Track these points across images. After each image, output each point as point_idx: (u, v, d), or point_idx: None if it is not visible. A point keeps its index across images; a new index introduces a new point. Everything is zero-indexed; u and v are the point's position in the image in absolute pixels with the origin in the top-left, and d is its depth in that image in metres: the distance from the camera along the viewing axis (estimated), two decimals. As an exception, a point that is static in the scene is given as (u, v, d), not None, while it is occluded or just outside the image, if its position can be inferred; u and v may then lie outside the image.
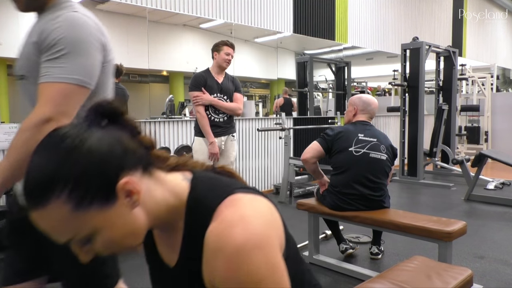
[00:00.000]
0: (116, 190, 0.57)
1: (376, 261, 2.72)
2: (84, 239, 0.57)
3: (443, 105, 5.60)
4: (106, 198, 0.56)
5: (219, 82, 3.09)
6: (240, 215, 0.58)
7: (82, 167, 0.54)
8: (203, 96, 3.01)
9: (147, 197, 0.61)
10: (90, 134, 0.57)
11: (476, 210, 4.12)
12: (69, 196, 0.53)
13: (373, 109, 2.63)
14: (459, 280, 1.46)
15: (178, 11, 4.25)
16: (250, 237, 0.56)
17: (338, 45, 6.30)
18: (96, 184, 0.55)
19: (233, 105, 3.12)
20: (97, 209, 0.55)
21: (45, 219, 0.54)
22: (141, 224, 0.61)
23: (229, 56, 3.07)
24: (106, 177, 0.56)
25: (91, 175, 0.54)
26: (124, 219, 0.58)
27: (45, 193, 0.53)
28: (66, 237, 0.56)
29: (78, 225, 0.55)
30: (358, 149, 2.46)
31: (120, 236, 0.59)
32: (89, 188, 0.54)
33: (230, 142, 3.17)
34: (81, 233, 0.56)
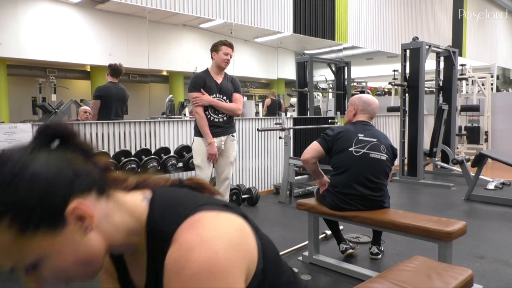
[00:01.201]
0: (65, 215, 0.53)
1: (376, 261, 2.72)
2: (29, 266, 0.53)
3: (443, 105, 5.60)
4: (53, 223, 0.53)
5: (218, 82, 3.08)
6: (200, 239, 0.55)
7: (23, 193, 0.50)
8: (202, 97, 3.00)
9: (104, 221, 0.58)
10: (35, 157, 0.54)
11: (476, 210, 4.12)
12: (11, 222, 0.50)
13: (373, 109, 2.62)
14: (460, 280, 1.46)
15: (178, 11, 4.24)
16: (208, 262, 0.53)
17: (338, 45, 6.30)
18: (40, 210, 0.51)
19: (233, 106, 3.11)
20: (43, 235, 0.52)
21: None
22: (97, 250, 0.57)
23: (228, 56, 3.06)
24: (51, 203, 0.52)
25: (34, 201, 0.51)
26: (74, 245, 0.55)
27: None
28: (9, 264, 0.52)
29: (22, 251, 0.52)
30: (358, 149, 2.46)
31: (70, 263, 0.55)
32: (32, 215, 0.51)
33: (230, 142, 3.17)
34: (25, 260, 0.53)
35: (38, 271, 0.55)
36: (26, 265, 0.53)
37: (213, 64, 3.10)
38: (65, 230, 0.54)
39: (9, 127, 3.13)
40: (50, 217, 0.52)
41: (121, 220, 0.61)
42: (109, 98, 3.76)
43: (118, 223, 0.60)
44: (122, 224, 0.61)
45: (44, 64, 4.08)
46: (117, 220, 0.60)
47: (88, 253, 0.57)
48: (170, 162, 3.59)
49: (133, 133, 3.91)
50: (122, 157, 3.37)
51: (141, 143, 3.95)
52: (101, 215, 0.58)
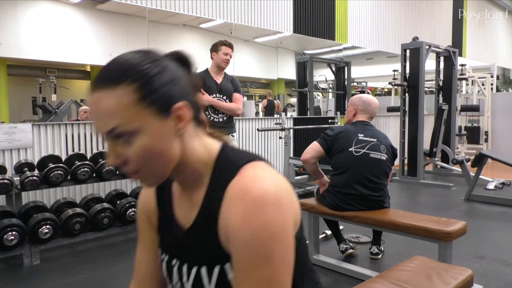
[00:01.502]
0: (172, 109, 0.62)
1: (376, 261, 2.72)
2: (123, 133, 0.60)
3: (443, 105, 5.60)
4: (162, 109, 0.61)
5: (218, 82, 3.09)
6: (264, 175, 0.62)
7: (155, 73, 0.61)
8: (202, 97, 2.99)
9: (188, 137, 0.67)
10: (170, 59, 0.66)
11: (476, 210, 4.12)
12: (137, 89, 0.60)
13: (373, 109, 2.62)
14: (460, 280, 1.46)
15: (178, 11, 4.24)
16: (270, 194, 0.59)
17: (338, 45, 6.30)
18: (160, 92, 0.61)
19: (232, 105, 3.12)
20: (150, 113, 0.61)
21: (108, 99, 0.59)
22: (174, 155, 0.64)
23: (228, 56, 3.07)
24: (169, 92, 0.62)
25: (159, 83, 0.61)
26: (164, 138, 0.62)
27: (121, 76, 0.60)
28: (114, 123, 0.59)
29: (130, 117, 0.60)
30: (358, 149, 2.46)
31: (154, 151, 0.62)
32: (154, 92, 0.60)
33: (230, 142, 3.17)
34: (127, 125, 0.60)
35: (125, 143, 0.61)
36: (122, 131, 0.60)
37: (213, 64, 3.11)
38: (165, 121, 0.62)
39: (9, 127, 3.13)
40: (164, 102, 0.62)
41: (197, 147, 0.68)
42: None
43: (195, 148, 0.68)
44: (198, 150, 0.68)
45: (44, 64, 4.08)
46: (195, 145, 0.68)
47: (168, 152, 0.63)
48: (170, 162, 3.59)
49: (133, 133, 3.90)
50: (122, 157, 3.37)
51: (141, 143, 3.95)
52: (189, 132, 0.66)
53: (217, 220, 0.63)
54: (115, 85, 0.60)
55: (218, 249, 0.64)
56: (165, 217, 0.77)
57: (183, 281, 0.71)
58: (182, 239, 0.71)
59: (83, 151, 3.55)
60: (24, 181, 2.81)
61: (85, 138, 3.60)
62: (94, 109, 0.61)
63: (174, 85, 0.63)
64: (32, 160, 3.23)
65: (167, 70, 0.63)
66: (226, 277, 0.65)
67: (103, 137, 0.63)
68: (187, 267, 0.70)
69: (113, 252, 2.95)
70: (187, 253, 0.71)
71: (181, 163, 0.67)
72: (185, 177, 0.70)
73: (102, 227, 3.08)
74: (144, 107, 0.60)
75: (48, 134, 3.39)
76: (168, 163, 0.65)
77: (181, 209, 0.73)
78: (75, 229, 2.93)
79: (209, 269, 0.66)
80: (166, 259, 0.76)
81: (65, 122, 3.53)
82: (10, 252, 2.64)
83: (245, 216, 0.58)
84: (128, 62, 0.62)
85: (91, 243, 3.15)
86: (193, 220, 0.69)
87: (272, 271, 0.59)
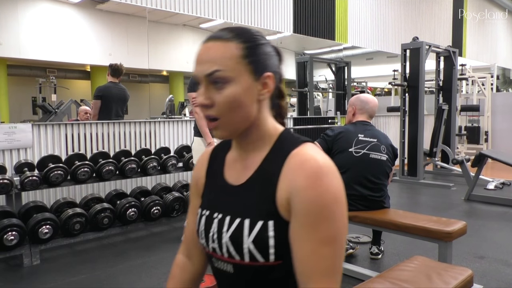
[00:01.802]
0: (263, 75, 0.74)
1: (376, 261, 2.72)
2: (221, 77, 0.71)
3: (443, 105, 5.60)
4: (256, 70, 0.74)
5: None
6: (319, 152, 0.72)
7: (262, 43, 0.76)
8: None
9: (264, 107, 0.78)
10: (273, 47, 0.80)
11: (476, 210, 4.12)
12: (244, 48, 0.73)
13: (371, 107, 2.60)
14: (460, 280, 1.46)
15: (178, 11, 4.24)
16: (327, 165, 0.69)
17: (338, 45, 6.30)
18: (260, 57, 0.75)
19: None
20: (247, 70, 0.73)
21: (218, 48, 0.73)
22: (252, 113, 0.75)
23: None
24: (266, 61, 0.75)
25: (262, 51, 0.75)
26: (249, 95, 0.74)
27: (235, 35, 0.74)
28: (216, 67, 0.71)
29: (230, 66, 0.72)
30: (358, 149, 2.46)
31: (239, 101, 0.72)
32: (256, 55, 0.74)
33: None
34: (226, 72, 0.71)
35: (218, 89, 0.72)
36: (220, 76, 0.71)
37: None
38: (254, 82, 0.74)
39: (9, 127, 3.13)
40: (259, 66, 0.74)
41: (269, 119, 0.80)
42: (110, 98, 3.76)
43: (267, 118, 0.79)
44: (269, 121, 0.79)
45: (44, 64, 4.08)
46: (268, 117, 0.79)
47: (248, 107, 0.74)
48: (170, 162, 3.59)
49: (133, 133, 3.91)
50: (122, 157, 3.37)
51: (141, 143, 3.95)
52: (266, 104, 0.78)
53: (276, 181, 0.72)
54: (228, 40, 0.73)
55: (270, 205, 0.71)
56: (213, 180, 0.85)
57: (223, 231, 0.76)
58: (230, 195, 0.79)
59: (83, 151, 3.55)
60: (24, 181, 2.81)
61: (85, 138, 3.60)
62: (203, 54, 0.73)
63: (270, 59, 0.77)
64: (32, 160, 3.23)
65: (269, 47, 0.77)
66: (265, 233, 0.70)
67: (202, 80, 0.74)
68: (229, 218, 0.76)
69: (113, 252, 2.95)
70: (232, 206, 0.77)
71: (253, 125, 0.77)
72: (250, 139, 0.79)
73: (102, 227, 3.08)
74: (244, 63, 0.72)
75: (48, 134, 3.39)
76: (246, 117, 0.75)
77: (233, 172, 0.82)
78: (75, 229, 2.93)
79: (252, 222, 0.72)
80: (207, 214, 0.81)
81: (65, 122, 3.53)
82: (10, 252, 2.64)
83: (311, 179, 0.67)
84: (244, 28, 0.77)
85: (91, 243, 3.15)
86: (247, 178, 0.77)
87: (334, 230, 0.67)
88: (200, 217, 0.83)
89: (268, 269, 0.72)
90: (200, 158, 0.93)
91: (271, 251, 0.70)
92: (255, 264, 0.72)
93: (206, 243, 0.79)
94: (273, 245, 0.70)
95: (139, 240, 3.24)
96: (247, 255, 0.72)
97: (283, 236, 0.70)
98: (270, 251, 0.70)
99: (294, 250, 0.69)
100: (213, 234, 0.77)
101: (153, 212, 3.36)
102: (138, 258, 2.81)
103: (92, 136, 3.64)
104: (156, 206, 3.37)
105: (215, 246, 0.77)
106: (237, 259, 0.73)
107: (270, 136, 0.79)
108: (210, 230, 0.78)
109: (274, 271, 0.72)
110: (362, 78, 7.97)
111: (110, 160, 3.24)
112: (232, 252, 0.74)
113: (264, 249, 0.70)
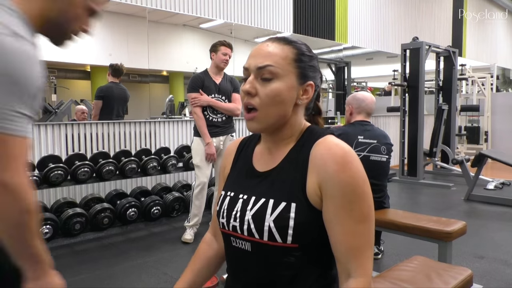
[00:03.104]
0: (307, 81, 0.83)
1: (376, 261, 2.72)
2: (271, 72, 0.79)
3: (443, 105, 5.60)
4: (302, 76, 0.82)
5: (216, 82, 3.09)
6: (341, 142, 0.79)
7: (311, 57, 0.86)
8: (200, 97, 3.01)
9: (300, 111, 0.85)
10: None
11: (476, 210, 4.12)
12: (297, 53, 0.82)
13: (367, 104, 2.53)
14: (459, 280, 1.46)
15: (178, 11, 4.25)
16: (351, 153, 0.77)
17: (338, 45, 6.30)
18: (308, 67, 0.84)
19: (231, 106, 3.12)
20: (294, 73, 0.81)
21: (276, 47, 0.82)
22: (288, 112, 0.82)
23: (227, 56, 3.07)
24: (311, 72, 0.85)
25: (310, 64, 0.84)
26: (290, 94, 0.81)
27: (293, 42, 0.84)
28: (269, 62, 0.79)
29: (282, 64, 0.80)
30: (358, 152, 2.43)
31: (280, 97, 0.79)
32: (305, 62, 0.83)
33: (229, 142, 3.16)
34: (276, 68, 0.79)
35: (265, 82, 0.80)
36: (271, 70, 0.79)
37: (212, 65, 3.11)
38: (297, 86, 0.82)
39: (9, 127, 3.13)
40: (305, 73, 0.83)
41: (301, 121, 0.87)
42: (111, 98, 3.77)
43: (300, 120, 0.87)
44: (300, 122, 0.87)
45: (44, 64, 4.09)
46: (301, 119, 0.87)
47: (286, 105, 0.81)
48: (170, 162, 3.59)
49: (133, 133, 3.91)
50: (122, 157, 3.37)
51: (141, 143, 3.95)
52: (302, 109, 0.86)
53: (305, 167, 0.79)
54: (286, 44, 0.82)
55: (296, 189, 0.78)
56: (240, 167, 0.92)
57: (247, 209, 0.81)
58: (257, 180, 0.85)
59: (83, 151, 3.55)
60: (24, 181, 2.81)
61: (85, 138, 3.60)
62: (261, 50, 0.82)
63: (314, 72, 0.86)
64: (32, 160, 3.23)
65: (316, 63, 0.88)
66: (287, 214, 0.76)
67: (253, 72, 0.81)
68: (254, 199, 0.82)
69: (113, 252, 2.95)
70: (259, 189, 0.83)
71: (288, 124, 0.84)
72: (281, 137, 0.85)
73: (102, 227, 3.08)
74: (294, 66, 0.81)
75: (48, 134, 3.39)
76: (282, 115, 0.81)
77: (260, 161, 0.88)
78: (75, 229, 2.93)
79: (276, 202, 0.78)
80: (231, 195, 0.88)
81: (65, 122, 3.53)
82: (10, 252, 2.64)
83: (341, 164, 0.75)
84: (301, 40, 0.87)
85: (91, 243, 3.15)
86: (275, 166, 0.84)
87: (368, 207, 0.76)
88: (223, 197, 0.89)
89: (284, 250, 0.77)
90: (229, 147, 0.99)
91: (289, 231, 0.75)
92: (273, 244, 0.77)
93: (227, 222, 0.84)
94: (292, 226, 0.75)
95: (139, 240, 3.24)
96: (266, 233, 0.77)
97: (303, 219, 0.76)
98: (289, 232, 0.75)
99: (332, 231, 0.76)
100: (236, 212, 0.83)
101: (153, 212, 3.36)
102: (138, 258, 2.81)
103: (92, 136, 3.64)
104: (156, 206, 3.37)
105: (236, 224, 0.82)
106: (256, 237, 0.78)
107: (298, 131, 0.86)
108: (234, 209, 0.84)
109: (290, 255, 0.77)
110: (362, 78, 7.96)
111: (110, 160, 3.24)
112: (253, 229, 0.78)
113: (283, 229, 0.76)
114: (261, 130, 0.83)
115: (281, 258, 0.77)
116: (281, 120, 0.82)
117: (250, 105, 0.81)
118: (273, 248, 0.77)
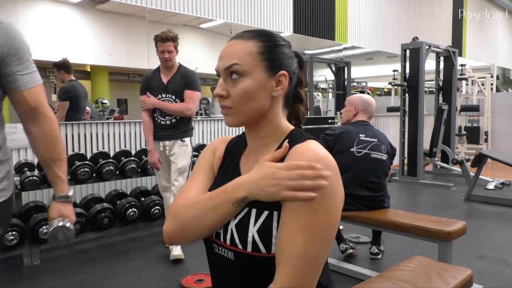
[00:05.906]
0: (278, 72, 0.80)
1: (376, 261, 2.72)
2: (237, 71, 0.78)
3: (443, 105, 5.60)
4: (271, 67, 0.79)
5: (164, 81, 2.79)
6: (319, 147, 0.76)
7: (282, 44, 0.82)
8: (146, 100, 2.77)
9: (277, 104, 0.83)
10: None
11: (476, 210, 4.12)
12: (262, 46, 0.79)
13: (373, 109, 2.65)
14: (459, 280, 1.46)
15: (178, 11, 4.25)
16: (330, 160, 0.73)
17: (338, 45, 6.30)
18: (278, 56, 0.80)
19: (179, 106, 2.75)
20: (262, 66, 0.79)
21: (239, 45, 0.80)
22: (263, 106, 0.80)
23: (165, 53, 2.75)
24: (283, 60, 0.81)
25: (280, 51, 0.81)
26: (262, 89, 0.79)
27: (256, 35, 0.81)
28: (234, 61, 0.78)
29: (247, 61, 0.78)
30: (359, 149, 2.46)
31: (251, 94, 0.78)
32: (273, 53, 0.80)
33: (178, 147, 2.81)
34: (242, 66, 0.78)
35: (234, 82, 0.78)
36: (237, 69, 0.78)
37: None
38: (268, 78, 0.79)
39: (9, 127, 3.13)
40: (274, 63, 0.80)
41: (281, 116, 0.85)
42: (78, 97, 3.62)
43: (280, 115, 0.84)
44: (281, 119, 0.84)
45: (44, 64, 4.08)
46: (280, 114, 0.84)
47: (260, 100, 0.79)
48: (170, 162, 3.59)
49: (133, 133, 3.91)
50: (122, 157, 3.37)
51: (141, 143, 3.95)
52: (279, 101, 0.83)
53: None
54: (248, 39, 0.80)
55: None
56: (227, 169, 0.90)
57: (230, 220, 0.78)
58: None
59: (83, 151, 3.56)
60: (24, 181, 2.81)
61: (85, 138, 3.60)
62: (226, 50, 0.81)
63: (286, 59, 0.82)
64: (32, 160, 3.23)
65: (287, 49, 0.83)
66: (270, 222, 0.73)
67: (221, 73, 0.80)
68: None
69: (113, 252, 2.95)
70: None
71: (264, 119, 0.82)
72: (262, 134, 0.84)
73: (102, 227, 3.08)
74: (260, 59, 0.78)
75: (48, 134, 3.39)
76: (257, 110, 0.80)
77: (246, 167, 0.86)
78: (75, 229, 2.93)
79: (259, 212, 0.75)
80: None
81: (65, 122, 3.52)
82: (10, 252, 2.64)
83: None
84: (265, 31, 0.84)
85: (91, 243, 3.15)
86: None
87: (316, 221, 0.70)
88: None
89: (269, 260, 0.73)
90: (218, 144, 0.95)
91: (273, 240, 0.72)
92: (257, 255, 0.74)
93: None
94: (275, 235, 0.72)
95: (139, 240, 3.24)
96: (250, 244, 0.74)
97: None
98: (273, 241, 0.72)
99: (280, 231, 0.72)
100: None
101: (153, 212, 3.36)
102: (138, 258, 2.81)
103: (92, 136, 3.64)
104: (156, 206, 3.37)
105: (220, 231, 0.79)
106: (240, 248, 0.75)
107: (280, 133, 0.84)
108: None
109: (275, 264, 0.73)
110: (362, 78, 7.96)
111: (110, 160, 3.24)
112: (236, 239, 0.76)
113: (267, 239, 0.73)
114: (238, 124, 0.82)
115: (266, 268, 0.74)
116: (257, 114, 0.80)
117: (225, 107, 0.80)
118: (258, 259, 0.74)
